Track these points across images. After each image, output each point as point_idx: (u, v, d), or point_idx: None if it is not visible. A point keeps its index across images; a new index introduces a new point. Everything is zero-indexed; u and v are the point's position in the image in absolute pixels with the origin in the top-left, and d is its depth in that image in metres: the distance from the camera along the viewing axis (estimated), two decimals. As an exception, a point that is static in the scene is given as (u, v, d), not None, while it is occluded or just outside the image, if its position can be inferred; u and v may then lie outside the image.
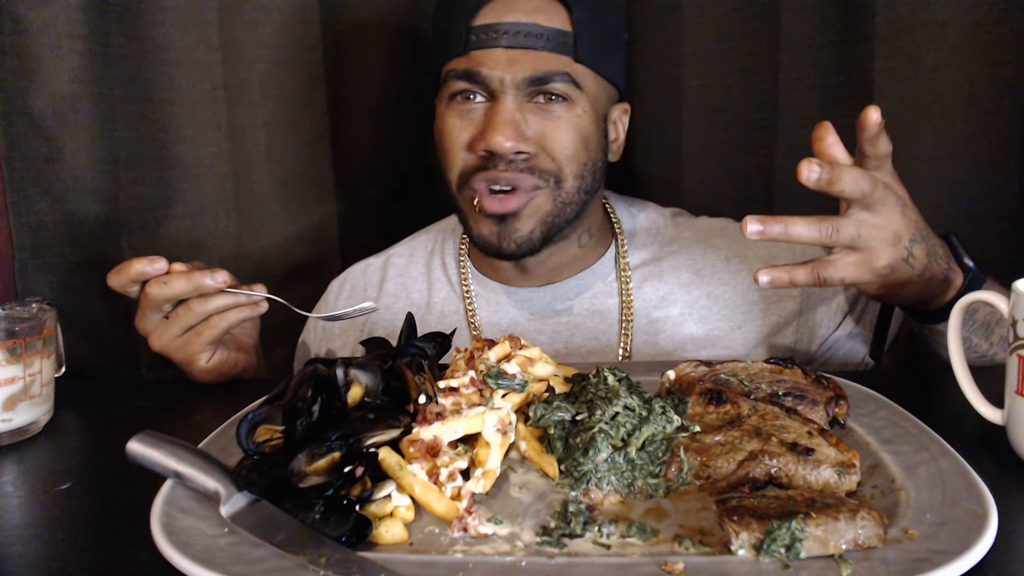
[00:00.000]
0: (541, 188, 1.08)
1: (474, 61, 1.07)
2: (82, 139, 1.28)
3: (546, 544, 0.61)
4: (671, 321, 1.17)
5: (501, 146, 1.05)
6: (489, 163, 1.07)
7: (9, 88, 1.23)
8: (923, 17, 1.21)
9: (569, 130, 1.09)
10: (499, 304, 1.22)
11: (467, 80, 1.08)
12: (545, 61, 1.06)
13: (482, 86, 1.07)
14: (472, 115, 1.09)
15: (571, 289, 1.21)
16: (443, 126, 1.12)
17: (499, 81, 1.06)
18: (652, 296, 1.19)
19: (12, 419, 0.89)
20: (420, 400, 0.74)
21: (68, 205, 1.29)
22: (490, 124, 1.06)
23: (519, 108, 1.07)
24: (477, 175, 1.08)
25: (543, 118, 1.08)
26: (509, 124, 1.05)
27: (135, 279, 1.00)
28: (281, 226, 1.49)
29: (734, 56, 1.40)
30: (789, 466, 0.67)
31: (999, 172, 1.22)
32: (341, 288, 1.33)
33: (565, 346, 1.18)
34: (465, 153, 1.09)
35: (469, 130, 1.09)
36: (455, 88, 1.09)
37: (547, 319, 1.20)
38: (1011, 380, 0.74)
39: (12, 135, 1.24)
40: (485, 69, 1.06)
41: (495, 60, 1.06)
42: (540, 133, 1.08)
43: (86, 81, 1.27)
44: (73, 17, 1.24)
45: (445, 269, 1.28)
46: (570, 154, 1.09)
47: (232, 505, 0.64)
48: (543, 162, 1.08)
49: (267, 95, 1.44)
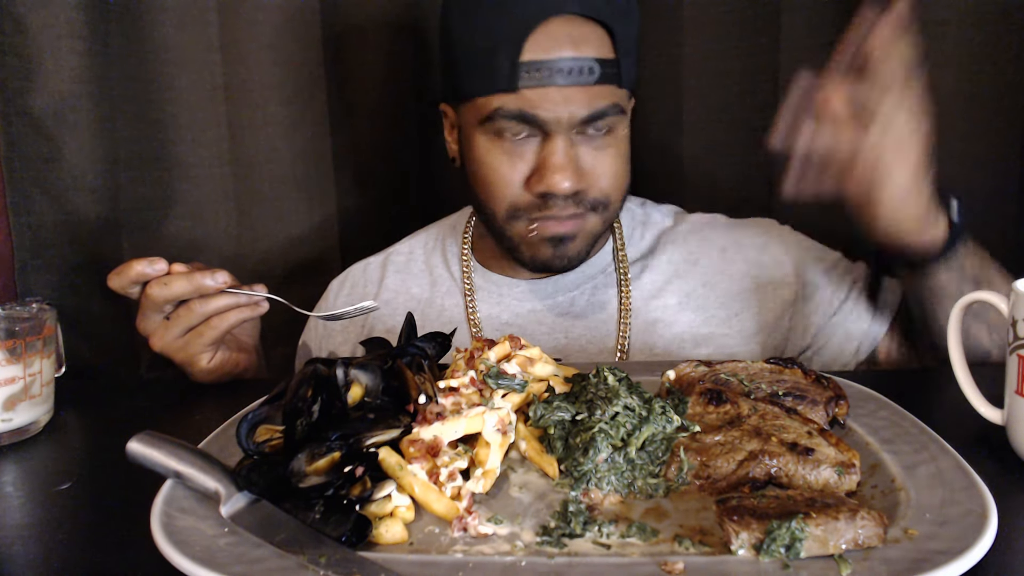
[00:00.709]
0: (589, 216, 1.10)
1: (527, 102, 1.03)
2: (82, 139, 1.28)
3: (546, 544, 0.61)
4: (669, 310, 1.18)
5: (562, 187, 1.05)
6: (547, 202, 1.07)
7: (9, 88, 1.23)
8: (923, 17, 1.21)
9: (616, 158, 1.10)
10: (501, 296, 1.23)
11: (520, 121, 1.05)
12: (598, 96, 1.05)
13: (535, 127, 1.05)
14: (523, 152, 1.07)
15: (572, 281, 1.22)
16: (489, 160, 1.09)
17: (555, 122, 1.04)
18: (650, 287, 1.20)
19: (12, 419, 0.89)
20: (420, 400, 0.74)
21: (68, 205, 1.29)
22: (548, 166, 1.05)
23: (571, 145, 1.06)
24: (533, 212, 1.09)
25: (592, 150, 1.08)
26: (567, 166, 1.05)
27: (135, 280, 1.00)
28: (281, 226, 1.49)
29: (734, 56, 1.40)
30: (789, 466, 0.67)
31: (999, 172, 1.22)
32: (341, 287, 1.34)
33: (565, 336, 1.19)
34: (519, 191, 1.08)
35: (522, 169, 1.07)
36: (504, 127, 1.06)
37: (548, 310, 1.21)
38: (1011, 380, 0.74)
39: (12, 135, 1.24)
40: (541, 112, 1.03)
41: (551, 101, 1.03)
42: (591, 167, 1.08)
43: (86, 81, 1.27)
44: (73, 17, 1.24)
45: (447, 264, 1.28)
46: (617, 181, 1.11)
47: (232, 505, 0.64)
48: (594, 193, 1.09)
49: (267, 95, 1.44)
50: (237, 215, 1.46)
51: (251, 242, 1.47)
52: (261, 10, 1.41)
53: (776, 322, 1.18)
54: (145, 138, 1.37)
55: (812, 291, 1.19)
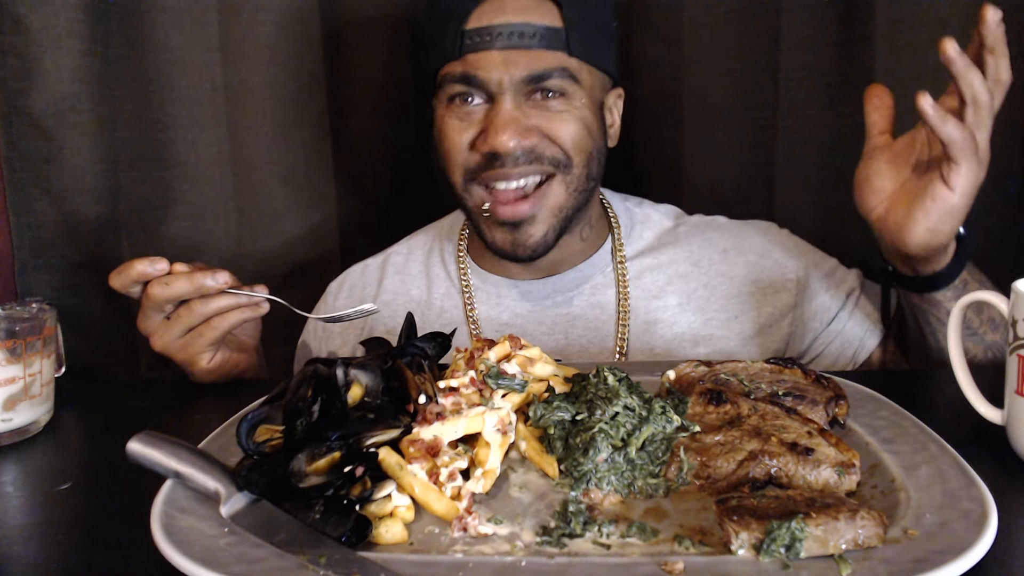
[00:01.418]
0: (552, 175, 1.10)
1: (470, 64, 1.08)
2: (82, 139, 1.28)
3: (546, 544, 0.61)
4: (669, 310, 1.18)
5: (505, 146, 1.06)
6: (495, 162, 1.08)
7: (9, 88, 1.23)
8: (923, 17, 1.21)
9: (571, 120, 1.11)
10: (499, 297, 1.23)
11: (464, 83, 1.09)
12: (540, 59, 1.07)
13: (480, 89, 1.09)
14: (472, 116, 1.11)
15: (571, 281, 1.22)
16: (443, 128, 1.13)
17: (496, 83, 1.07)
18: (651, 287, 1.20)
19: (12, 419, 0.89)
20: (420, 400, 0.74)
21: (68, 205, 1.29)
22: (491, 125, 1.07)
23: (518, 107, 1.08)
24: (483, 174, 1.10)
25: (543, 113, 1.10)
26: (509, 124, 1.07)
27: (136, 280, 1.00)
28: (281, 226, 1.49)
29: (734, 56, 1.40)
30: (789, 466, 0.67)
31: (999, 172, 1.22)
32: (340, 289, 1.34)
33: (565, 337, 1.19)
34: (468, 153, 1.11)
35: (470, 131, 1.11)
36: (452, 91, 1.11)
37: (547, 311, 1.21)
38: (1011, 380, 0.74)
39: (12, 135, 1.24)
40: (482, 72, 1.07)
41: (491, 62, 1.07)
42: (542, 127, 1.09)
43: (86, 81, 1.27)
44: (73, 17, 1.25)
45: (444, 265, 1.28)
46: (575, 143, 1.11)
47: (232, 505, 0.64)
48: (548, 148, 1.10)
49: (267, 95, 1.44)
50: (237, 215, 1.46)
51: (251, 242, 1.47)
52: (261, 10, 1.41)
53: (775, 325, 1.18)
54: (145, 138, 1.37)
55: (811, 296, 1.19)
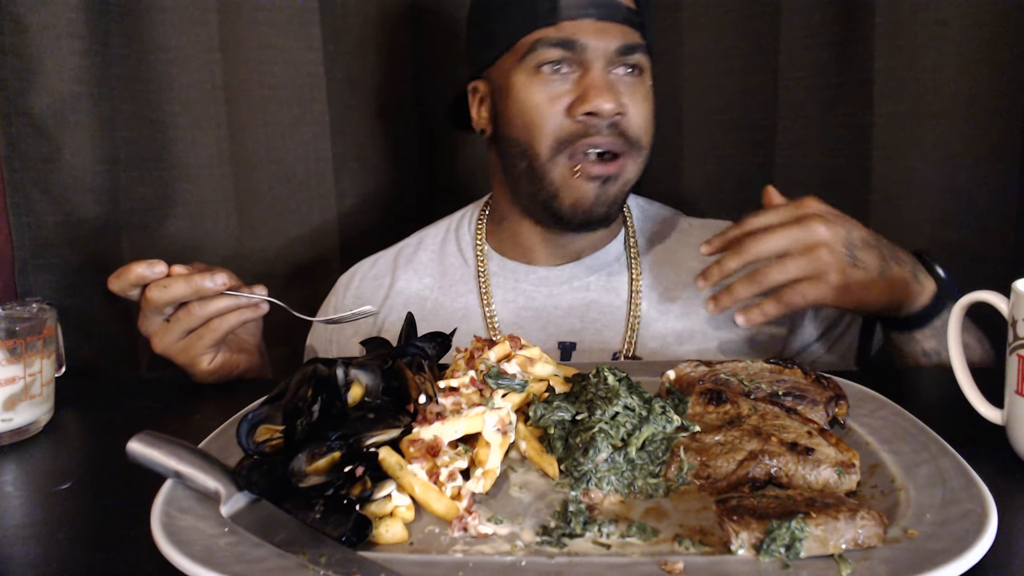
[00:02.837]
0: (626, 154, 1.14)
1: (567, 30, 1.11)
2: (82, 139, 1.28)
3: (546, 544, 0.61)
4: (672, 310, 1.20)
5: (606, 107, 1.09)
6: (591, 128, 1.11)
7: (9, 88, 1.23)
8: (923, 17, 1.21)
9: (645, 99, 1.16)
10: (516, 282, 1.24)
11: (561, 48, 1.11)
12: (627, 34, 1.13)
13: (574, 55, 1.11)
14: (563, 84, 1.12)
15: (589, 267, 1.24)
16: (531, 95, 1.14)
17: (593, 49, 1.11)
18: (662, 279, 1.23)
19: (12, 419, 0.89)
20: (420, 400, 0.74)
21: (68, 205, 1.29)
22: (593, 88, 1.10)
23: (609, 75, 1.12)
24: (579, 141, 1.11)
25: (626, 88, 1.14)
26: (610, 88, 1.10)
27: (135, 283, 1.00)
28: (281, 226, 1.49)
29: (734, 56, 1.41)
30: (789, 466, 0.67)
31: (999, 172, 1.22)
32: (350, 282, 1.33)
33: (581, 320, 1.20)
34: (562, 118, 1.12)
35: (564, 99, 1.12)
36: (546, 57, 1.12)
37: (564, 295, 1.22)
38: (1011, 380, 0.74)
39: (12, 135, 1.24)
40: (582, 37, 1.10)
41: (588, 30, 1.11)
42: (627, 100, 1.13)
43: (86, 81, 1.27)
44: (73, 17, 1.25)
45: (461, 253, 1.29)
46: (647, 122, 1.16)
47: (232, 505, 0.64)
48: (631, 126, 1.13)
49: (267, 95, 1.44)
50: (237, 215, 1.46)
51: (251, 242, 1.47)
52: (261, 10, 1.41)
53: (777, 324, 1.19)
54: (145, 138, 1.37)
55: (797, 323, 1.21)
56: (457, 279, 1.26)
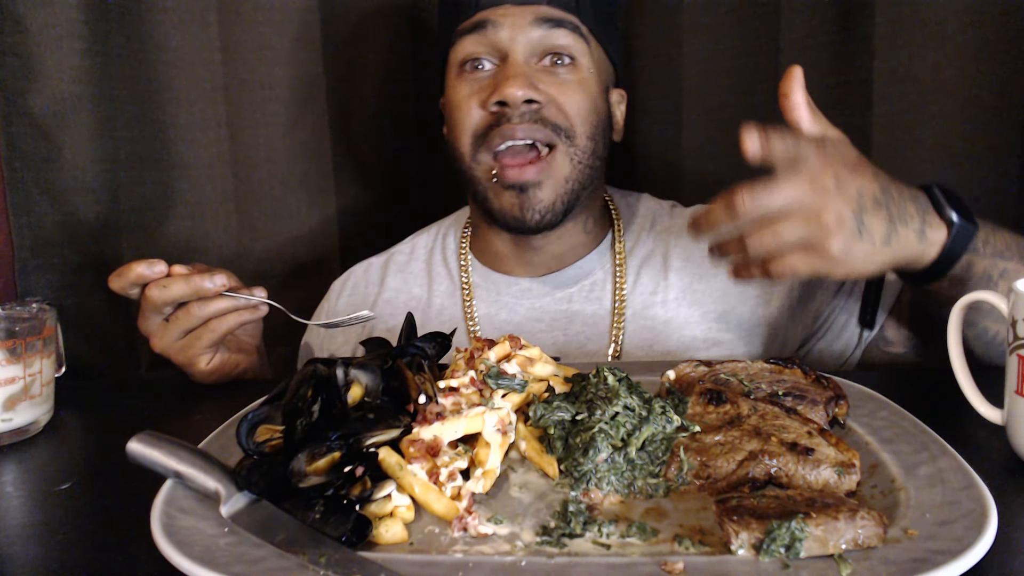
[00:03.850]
0: (556, 145, 1.10)
1: (482, 16, 1.10)
2: (82, 139, 1.28)
3: (546, 544, 0.61)
4: (668, 306, 1.18)
5: (514, 95, 1.07)
6: (502, 119, 1.08)
7: (9, 88, 1.23)
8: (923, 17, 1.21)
9: (578, 89, 1.12)
10: (499, 294, 1.23)
11: (475, 32, 1.10)
12: (552, 15, 1.10)
13: (491, 43, 1.10)
14: (482, 80, 1.12)
15: (571, 277, 1.22)
16: (454, 95, 1.14)
17: (509, 31, 1.09)
18: (648, 282, 1.20)
19: (12, 419, 0.89)
20: (420, 400, 0.74)
21: (68, 205, 1.29)
22: (503, 76, 1.09)
23: (528, 65, 1.10)
24: (492, 133, 1.09)
25: (552, 77, 1.11)
26: (522, 74, 1.08)
27: (135, 282, 1.00)
28: (281, 226, 1.49)
29: (734, 56, 1.40)
30: (789, 466, 0.67)
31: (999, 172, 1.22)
32: (343, 287, 1.34)
33: (564, 333, 1.19)
34: (477, 111, 1.11)
35: (480, 94, 1.11)
36: (464, 51, 1.12)
37: (546, 308, 1.21)
38: (1011, 380, 0.74)
39: (12, 135, 1.24)
40: (494, 16, 1.09)
41: (504, 12, 1.09)
42: (551, 90, 1.10)
43: (86, 81, 1.27)
44: (73, 17, 1.25)
45: (446, 263, 1.28)
46: (581, 111, 1.12)
47: (232, 505, 0.64)
48: (554, 114, 1.10)
49: (267, 95, 1.44)
50: (237, 215, 1.46)
51: (251, 242, 1.47)
52: (261, 10, 1.41)
53: (774, 318, 1.18)
54: (145, 138, 1.37)
55: (809, 289, 1.19)
56: (443, 290, 1.26)
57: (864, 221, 0.81)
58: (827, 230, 0.79)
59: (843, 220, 0.79)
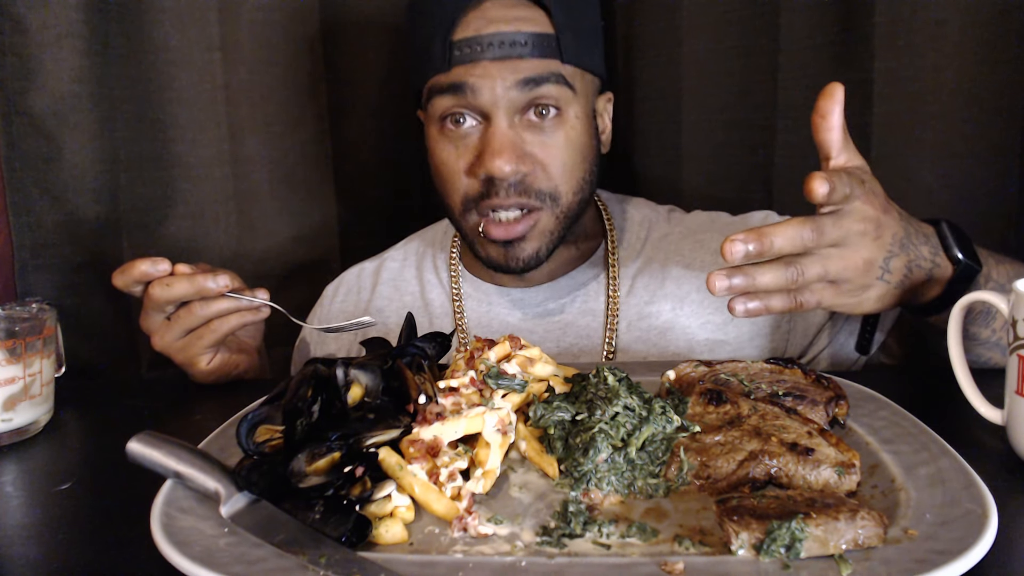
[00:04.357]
0: (540, 209, 1.08)
1: (459, 76, 1.04)
2: (82, 139, 1.28)
3: (546, 544, 0.61)
4: (663, 315, 1.17)
5: (502, 171, 1.03)
6: (490, 189, 1.06)
7: (9, 88, 1.23)
8: (923, 17, 1.21)
9: (565, 146, 1.08)
10: (490, 305, 1.22)
11: (453, 94, 1.05)
12: (533, 66, 1.04)
13: (471, 104, 1.05)
14: (467, 140, 1.08)
15: (563, 288, 1.21)
16: (438, 152, 1.10)
17: (489, 94, 1.03)
18: (643, 292, 1.19)
19: (12, 419, 0.89)
20: (420, 400, 0.74)
21: (68, 205, 1.29)
22: (488, 149, 1.04)
23: (512, 127, 1.06)
24: (481, 203, 1.08)
25: (538, 136, 1.07)
26: (507, 147, 1.04)
27: (138, 280, 1.01)
28: (281, 226, 1.49)
29: (734, 56, 1.40)
30: (789, 466, 0.67)
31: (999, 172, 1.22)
32: (336, 292, 1.33)
33: (557, 345, 1.18)
34: (465, 179, 1.08)
35: (466, 156, 1.07)
36: (442, 108, 1.07)
37: (539, 319, 1.20)
38: (1011, 380, 0.74)
39: (12, 135, 1.24)
40: (473, 80, 1.03)
41: (483, 72, 1.03)
42: (537, 153, 1.06)
43: (86, 81, 1.27)
44: (73, 17, 1.25)
45: (437, 272, 1.28)
46: (567, 171, 1.09)
47: (232, 505, 0.64)
48: (540, 181, 1.07)
49: (267, 95, 1.44)
50: (237, 215, 1.46)
51: (251, 242, 1.47)
52: (261, 10, 1.41)
53: (773, 324, 1.18)
54: (145, 138, 1.37)
55: None
56: (433, 298, 1.25)
57: (889, 266, 0.83)
58: (858, 271, 0.81)
59: (874, 263, 0.82)
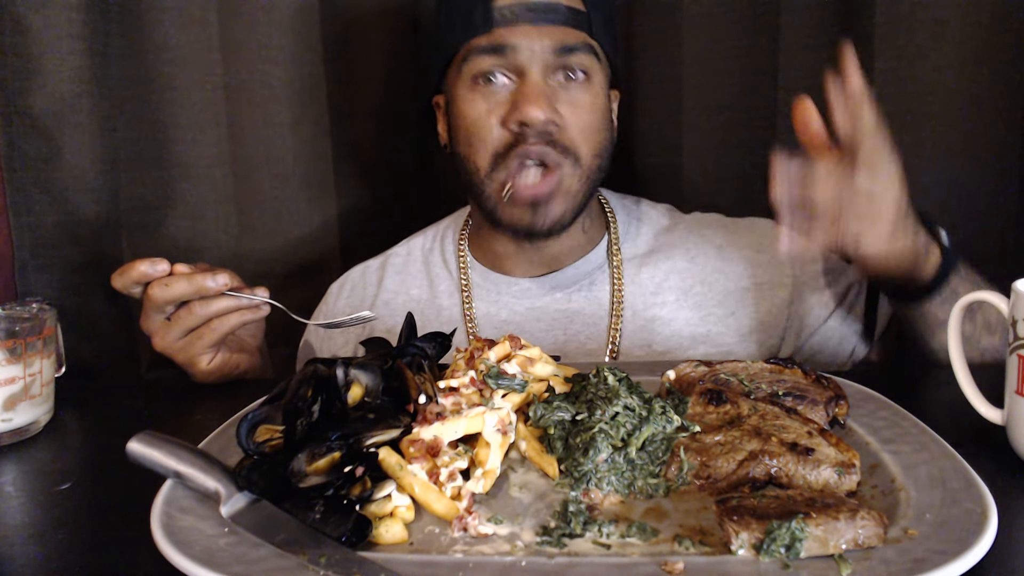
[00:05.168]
0: (560, 167, 1.11)
1: (500, 36, 1.09)
2: (82, 139, 1.28)
3: (546, 544, 0.61)
4: (667, 307, 1.18)
5: (537, 117, 1.06)
6: (521, 137, 1.08)
7: (9, 88, 1.23)
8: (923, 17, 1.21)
9: (590, 108, 1.12)
10: (499, 294, 1.23)
11: (493, 54, 1.09)
12: (567, 34, 1.10)
13: (508, 63, 1.09)
14: (499, 96, 1.11)
15: (569, 277, 1.22)
16: (468, 109, 1.12)
17: (528, 54, 1.08)
18: (648, 283, 1.20)
19: (12, 419, 0.89)
20: (420, 400, 0.74)
21: (68, 205, 1.29)
22: (524, 97, 1.08)
23: (545, 82, 1.10)
24: (512, 151, 1.09)
25: (567, 95, 1.11)
26: (543, 95, 1.08)
27: (138, 280, 1.01)
28: (281, 226, 1.49)
29: (734, 56, 1.40)
30: (789, 466, 0.67)
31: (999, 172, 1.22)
32: (340, 290, 1.34)
33: (564, 333, 1.19)
34: (498, 130, 1.10)
35: (498, 110, 1.10)
36: (479, 67, 1.10)
37: (546, 308, 1.21)
38: (1011, 380, 0.74)
39: (12, 135, 1.24)
40: (513, 40, 1.08)
41: (522, 33, 1.08)
42: (564, 110, 1.10)
43: (86, 81, 1.27)
44: (73, 17, 1.24)
45: (445, 263, 1.28)
46: (591, 131, 1.13)
47: (232, 505, 0.64)
48: (566, 137, 1.10)
49: (267, 95, 1.44)
50: (237, 215, 1.46)
51: (251, 242, 1.47)
52: (261, 10, 1.41)
53: (772, 321, 1.18)
54: (145, 138, 1.37)
55: (809, 291, 1.19)
56: (442, 290, 1.26)
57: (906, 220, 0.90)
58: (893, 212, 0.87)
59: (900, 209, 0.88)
